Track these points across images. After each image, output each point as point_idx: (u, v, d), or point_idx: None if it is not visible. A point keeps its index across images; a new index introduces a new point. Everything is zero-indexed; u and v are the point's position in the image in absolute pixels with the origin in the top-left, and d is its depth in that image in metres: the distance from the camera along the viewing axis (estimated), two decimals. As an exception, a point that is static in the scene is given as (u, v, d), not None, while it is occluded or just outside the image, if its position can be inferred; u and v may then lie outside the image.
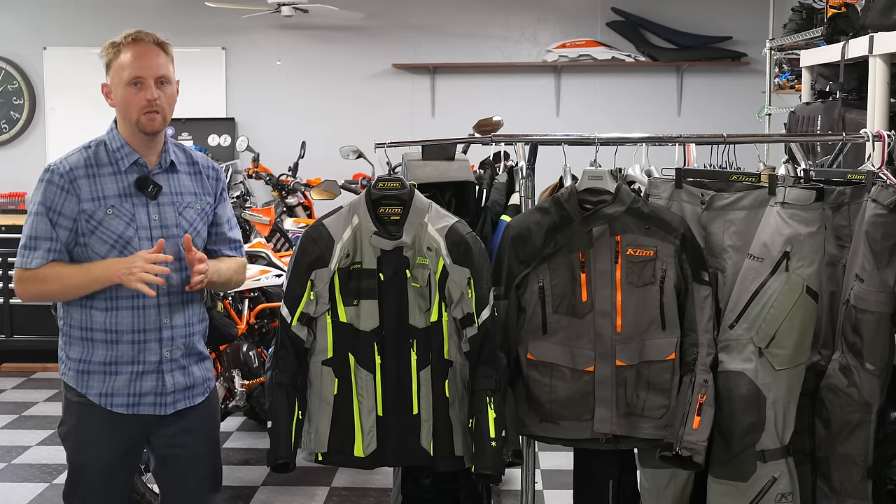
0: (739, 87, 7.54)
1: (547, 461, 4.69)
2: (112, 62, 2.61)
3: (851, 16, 4.22)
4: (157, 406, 2.65)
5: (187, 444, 2.72)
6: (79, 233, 2.57)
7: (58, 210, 2.55)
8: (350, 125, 7.43)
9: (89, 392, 2.63)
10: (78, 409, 2.65)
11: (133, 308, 2.60)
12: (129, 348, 2.61)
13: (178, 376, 2.67)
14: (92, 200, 2.56)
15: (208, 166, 2.79)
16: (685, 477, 2.87)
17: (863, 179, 2.85)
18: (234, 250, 2.84)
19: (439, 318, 2.76)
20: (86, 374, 2.63)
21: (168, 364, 2.65)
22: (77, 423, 2.67)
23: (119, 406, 2.63)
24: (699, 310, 2.75)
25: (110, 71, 2.62)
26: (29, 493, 4.50)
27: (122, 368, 2.62)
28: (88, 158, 2.60)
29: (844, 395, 2.72)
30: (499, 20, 7.88)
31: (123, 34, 2.62)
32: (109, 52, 2.62)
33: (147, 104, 2.58)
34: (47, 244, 2.55)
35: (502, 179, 3.33)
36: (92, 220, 2.56)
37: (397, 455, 2.83)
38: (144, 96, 2.57)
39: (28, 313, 6.65)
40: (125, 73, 2.58)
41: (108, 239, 2.57)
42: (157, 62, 2.60)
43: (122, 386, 2.62)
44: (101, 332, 2.60)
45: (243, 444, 5.17)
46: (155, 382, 2.64)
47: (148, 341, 2.62)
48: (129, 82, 2.58)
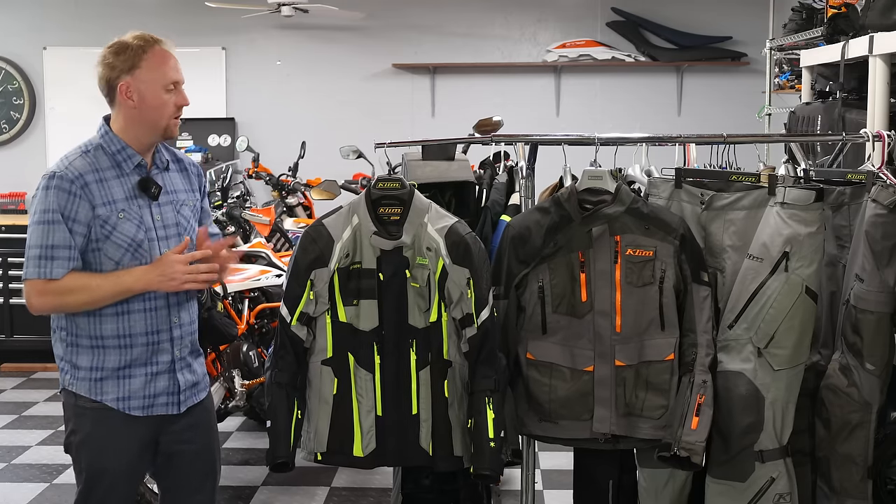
0: (739, 87, 7.54)
1: (547, 461, 4.69)
2: (141, 62, 2.54)
3: (851, 16, 4.22)
4: (169, 406, 2.66)
5: (192, 440, 2.74)
6: (92, 238, 2.52)
7: (73, 217, 2.49)
8: (350, 125, 7.43)
9: (105, 398, 2.59)
10: (93, 414, 2.60)
11: (145, 311, 2.59)
12: (144, 351, 2.61)
13: (186, 374, 2.69)
14: (105, 205, 2.53)
15: (191, 163, 2.81)
16: (683, 477, 2.87)
17: (863, 179, 2.85)
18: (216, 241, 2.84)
19: (439, 319, 2.76)
20: (99, 381, 2.59)
21: (179, 363, 2.67)
22: (93, 429, 2.61)
23: (135, 409, 2.62)
24: (698, 310, 2.75)
25: (137, 70, 2.54)
26: (29, 493, 4.50)
27: (137, 371, 2.60)
28: (92, 163, 2.55)
29: (844, 395, 2.72)
30: (499, 20, 7.88)
31: (138, 35, 2.58)
32: (138, 52, 2.54)
33: (177, 110, 2.59)
34: (67, 252, 2.48)
35: (502, 179, 3.33)
36: (107, 225, 2.52)
37: (396, 455, 2.83)
38: (178, 101, 2.58)
39: (28, 313, 6.60)
40: (163, 76, 2.55)
41: (123, 243, 2.54)
42: (180, 67, 2.62)
43: (137, 389, 2.61)
44: (112, 338, 2.58)
45: (243, 444, 5.17)
46: (168, 382, 2.65)
47: (161, 342, 2.63)
48: (167, 86, 2.56)
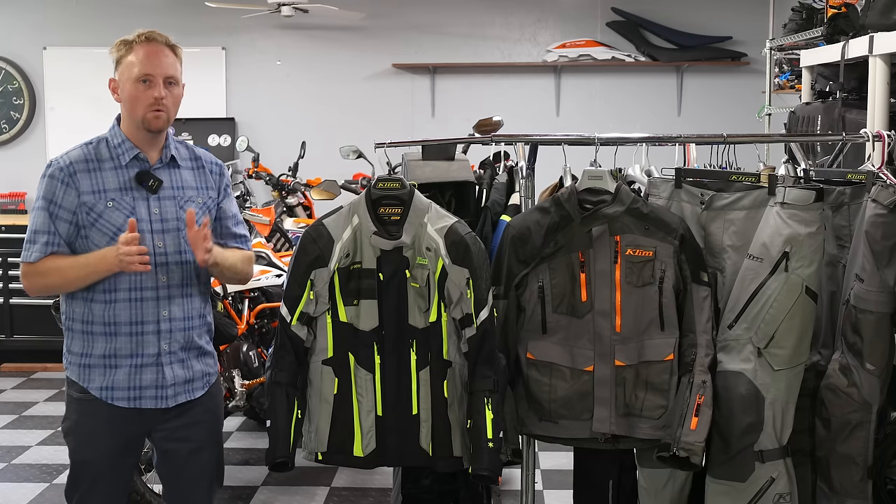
0: (739, 87, 7.54)
1: (547, 461, 4.69)
2: (122, 58, 2.64)
3: (851, 16, 4.22)
4: (158, 399, 2.67)
5: (189, 438, 2.74)
6: (79, 225, 2.60)
7: (58, 203, 2.59)
8: (350, 125, 7.43)
9: (90, 386, 2.65)
10: (79, 405, 2.68)
11: (131, 300, 2.63)
12: (128, 341, 2.63)
13: (177, 369, 2.69)
14: (92, 193, 2.60)
15: (211, 162, 2.82)
16: (683, 477, 2.87)
17: (863, 179, 2.85)
18: (240, 244, 2.85)
19: (438, 319, 2.76)
20: (87, 367, 2.65)
21: (167, 357, 2.67)
22: (79, 418, 2.69)
23: (120, 400, 2.64)
24: (698, 310, 2.75)
25: (119, 67, 2.65)
26: (29, 493, 4.50)
27: (122, 361, 2.64)
28: (89, 153, 2.65)
29: (844, 395, 2.72)
30: (499, 20, 7.87)
31: (136, 32, 2.65)
32: (121, 48, 2.65)
33: (154, 102, 2.62)
34: (45, 237, 2.60)
35: (502, 179, 3.32)
36: (92, 212, 2.59)
37: (396, 455, 2.83)
38: (152, 94, 2.61)
39: (28, 313, 6.66)
40: (135, 69, 2.62)
41: (108, 231, 2.60)
42: (166, 62, 2.64)
43: (122, 379, 2.64)
44: (100, 324, 2.63)
45: (243, 444, 5.17)
46: (155, 375, 2.66)
47: (146, 333, 2.64)
48: (137, 79, 2.61)
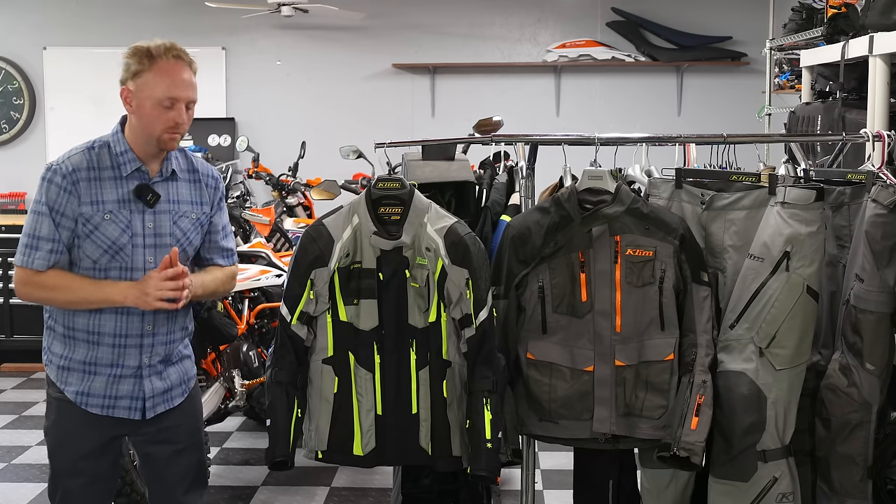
0: (739, 87, 7.54)
1: (547, 461, 4.69)
2: (142, 73, 2.53)
3: (851, 16, 4.22)
4: (132, 410, 2.65)
5: (167, 441, 2.73)
6: (77, 234, 2.56)
7: (60, 211, 2.54)
8: (350, 125, 7.43)
9: (67, 389, 2.63)
10: (58, 405, 2.67)
11: (117, 312, 2.60)
12: (110, 351, 2.62)
13: (156, 381, 2.67)
14: (91, 204, 2.55)
15: (208, 174, 2.77)
16: (686, 477, 2.87)
17: (863, 179, 2.85)
18: (225, 259, 2.82)
19: (438, 319, 2.76)
20: (66, 370, 2.64)
21: (147, 370, 2.66)
22: (57, 418, 2.68)
23: (94, 406, 2.63)
24: (698, 310, 2.75)
25: (138, 80, 2.54)
26: (29, 493, 4.50)
27: (102, 370, 2.62)
28: (91, 160, 2.58)
29: (844, 395, 2.72)
30: (499, 20, 7.88)
31: (158, 44, 2.55)
32: (143, 61, 2.53)
33: (175, 126, 2.56)
34: (49, 245, 2.54)
35: (502, 179, 3.32)
36: (89, 223, 2.55)
37: (396, 454, 2.83)
38: (173, 118, 2.55)
39: (28, 313, 6.65)
40: (158, 90, 2.53)
41: (102, 244, 2.56)
42: (191, 85, 2.58)
43: (99, 387, 2.63)
44: (83, 332, 2.61)
45: (243, 444, 5.17)
46: (132, 387, 2.64)
47: (128, 346, 2.63)
48: (160, 101, 2.53)
